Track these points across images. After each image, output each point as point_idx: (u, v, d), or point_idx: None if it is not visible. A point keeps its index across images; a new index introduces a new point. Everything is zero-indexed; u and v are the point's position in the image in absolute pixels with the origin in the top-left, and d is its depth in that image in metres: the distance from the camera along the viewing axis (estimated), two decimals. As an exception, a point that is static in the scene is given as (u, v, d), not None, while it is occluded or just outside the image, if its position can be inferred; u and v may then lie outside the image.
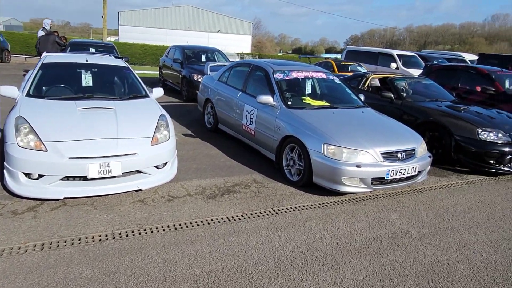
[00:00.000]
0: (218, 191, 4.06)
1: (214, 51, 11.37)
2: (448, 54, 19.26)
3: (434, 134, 5.71)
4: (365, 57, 15.74)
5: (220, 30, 55.73)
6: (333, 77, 5.70)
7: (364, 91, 7.15)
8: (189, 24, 54.84)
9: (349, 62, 13.51)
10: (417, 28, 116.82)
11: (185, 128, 6.80)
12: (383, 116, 5.00)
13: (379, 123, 4.65)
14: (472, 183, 4.98)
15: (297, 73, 5.32)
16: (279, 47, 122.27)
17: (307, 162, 4.12)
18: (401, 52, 14.98)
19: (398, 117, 6.20)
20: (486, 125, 5.36)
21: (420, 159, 4.25)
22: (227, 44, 51.18)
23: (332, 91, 5.64)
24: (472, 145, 5.22)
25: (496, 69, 8.33)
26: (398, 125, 4.76)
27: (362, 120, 4.66)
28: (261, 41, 68.57)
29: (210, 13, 56.81)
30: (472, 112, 5.78)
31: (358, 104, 5.30)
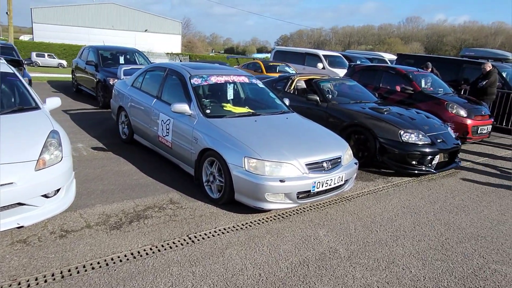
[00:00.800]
0: (126, 219, 3.48)
1: (134, 52, 10.53)
2: (370, 54, 20.21)
3: (359, 137, 5.65)
4: (293, 58, 15.86)
5: (148, 29, 53.45)
6: (256, 80, 5.36)
7: (290, 94, 6.96)
8: (113, 23, 51.76)
9: (277, 63, 13.44)
10: (341, 29, 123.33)
11: (95, 141, 6.02)
12: (308, 122, 4.77)
13: (304, 130, 4.38)
14: (397, 186, 4.95)
15: (217, 77, 4.88)
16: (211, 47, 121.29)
17: (227, 177, 3.71)
18: (327, 53, 15.31)
19: (325, 120, 6.08)
20: (407, 126, 5.40)
21: (347, 167, 4.06)
22: (156, 44, 49.42)
23: (255, 96, 5.30)
24: (395, 147, 5.22)
25: (413, 69, 8.68)
26: (323, 131, 4.54)
27: (286, 127, 4.36)
28: (191, 41, 67.21)
29: (136, 12, 54.18)
30: (394, 113, 5.81)
31: (283, 109, 5.01)
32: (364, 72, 9.22)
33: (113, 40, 46.92)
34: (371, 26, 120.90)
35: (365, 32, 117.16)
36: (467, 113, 7.39)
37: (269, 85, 7.41)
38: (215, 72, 5.00)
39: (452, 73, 10.47)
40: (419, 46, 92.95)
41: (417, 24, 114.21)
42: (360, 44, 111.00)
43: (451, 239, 3.53)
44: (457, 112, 7.36)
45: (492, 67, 8.64)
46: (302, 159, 3.69)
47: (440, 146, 5.33)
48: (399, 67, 8.77)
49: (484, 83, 8.51)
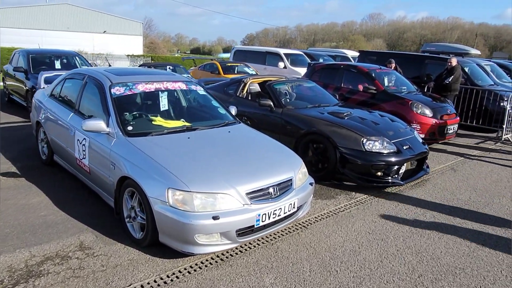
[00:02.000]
0: (9, 281, 2.62)
1: (73, 56, 9.44)
2: (333, 51, 19.88)
3: (318, 146, 4.99)
4: (253, 57, 15.16)
5: (107, 30, 51.20)
6: (196, 86, 4.58)
7: (243, 99, 6.23)
8: (69, 25, 49.19)
9: (235, 63, 12.69)
10: (305, 27, 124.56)
11: (8, 163, 5.03)
12: (255, 135, 4.03)
13: (248, 147, 3.65)
14: (361, 203, 4.33)
15: (145, 85, 4.06)
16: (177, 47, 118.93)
17: (149, 214, 2.92)
18: (288, 51, 14.73)
19: (280, 129, 5.40)
20: (370, 133, 4.80)
21: (300, 190, 3.36)
22: (116, 46, 47.43)
23: (194, 105, 4.54)
24: (358, 157, 4.60)
25: (376, 67, 8.17)
26: (273, 146, 3.82)
27: (226, 144, 3.60)
28: (154, 42, 65.17)
29: (94, 12, 51.76)
30: (356, 118, 5.20)
31: (227, 120, 4.25)
32: (324, 71, 8.63)
33: (69, 43, 44.67)
34: (335, 23, 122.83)
35: (329, 30, 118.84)
36: (432, 112, 6.94)
37: (220, 89, 6.66)
38: (144, 78, 4.17)
39: (414, 69, 10.10)
40: (381, 42, 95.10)
41: (378, 21, 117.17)
42: (324, 41, 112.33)
43: (425, 276, 2.91)
44: (423, 112, 6.89)
45: (457, 63, 8.28)
46: (242, 187, 2.95)
47: (407, 153, 4.76)
48: (360, 65, 8.25)
49: (450, 79, 8.13)
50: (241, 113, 5.93)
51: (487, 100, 8.80)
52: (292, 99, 6.07)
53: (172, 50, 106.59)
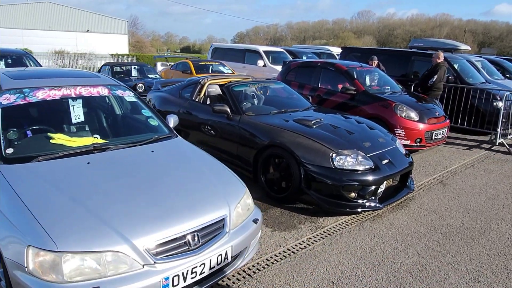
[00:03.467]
0: None
1: (22, 55, 8.44)
2: (318, 48, 19.07)
3: (281, 161, 4.13)
4: (232, 55, 14.28)
5: (90, 29, 49.77)
6: (124, 92, 3.65)
7: (199, 104, 5.35)
8: (51, 23, 47.69)
9: (210, 62, 11.78)
10: (296, 25, 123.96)
11: None
12: (189, 155, 3.12)
13: (170, 174, 2.73)
14: (328, 235, 3.48)
15: (49, 91, 3.15)
16: (166, 46, 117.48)
17: (7, 281, 2.03)
18: (268, 48, 13.85)
19: (239, 140, 4.53)
20: (342, 145, 3.95)
21: (238, 233, 2.49)
22: (99, 45, 46.16)
23: (117, 117, 3.63)
24: (326, 176, 3.74)
25: (356, 64, 7.34)
26: (208, 170, 2.90)
27: (139, 171, 2.68)
28: (140, 40, 63.80)
29: (76, 11, 50.26)
30: (326, 126, 4.35)
31: (159, 134, 3.36)
32: (300, 70, 7.77)
33: (51, 42, 43.34)
34: (326, 21, 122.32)
35: (320, 27, 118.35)
36: (419, 115, 6.12)
37: (175, 93, 5.77)
38: (49, 82, 3.26)
39: (400, 67, 9.31)
40: (371, 39, 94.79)
41: (368, 18, 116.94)
42: (315, 39, 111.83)
43: None
44: (408, 115, 6.07)
45: (442, 59, 7.47)
46: (143, 238, 2.07)
47: (387, 170, 3.92)
48: (339, 62, 7.41)
49: (434, 78, 7.31)
50: (200, 122, 5.08)
51: (478, 99, 8.02)
52: (255, 104, 5.21)
53: (161, 49, 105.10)
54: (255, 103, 5.27)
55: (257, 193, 4.33)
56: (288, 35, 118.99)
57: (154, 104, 6.07)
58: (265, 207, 4.02)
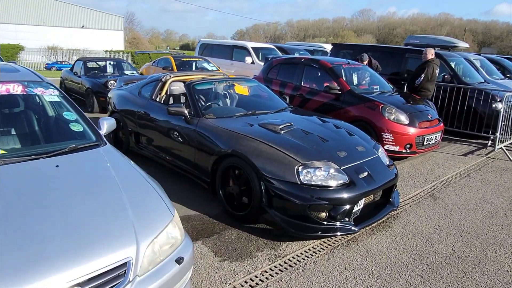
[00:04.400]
0: None
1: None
2: (311, 45, 18.44)
3: (241, 173, 3.50)
4: (220, 51, 13.62)
5: (85, 25, 49.04)
6: (45, 90, 2.99)
7: (158, 104, 4.71)
8: (45, 19, 46.94)
9: (193, 58, 11.11)
10: (296, 23, 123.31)
11: None
12: (108, 169, 2.46)
13: (59, 201, 2.07)
14: (289, 266, 2.85)
15: None
16: (166, 43, 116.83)
17: None
18: (257, 45, 13.19)
19: (196, 146, 3.90)
20: (311, 155, 3.32)
21: (148, 281, 1.86)
22: (95, 41, 45.50)
23: (29, 121, 2.98)
24: (291, 193, 3.11)
25: (342, 61, 6.71)
26: (122, 192, 2.21)
27: (23, 197, 2.02)
28: (136, 37, 63.05)
29: (71, 6, 49.49)
30: (296, 132, 3.72)
31: (82, 142, 2.72)
32: (283, 67, 7.14)
33: (45, 38, 42.68)
34: (326, 19, 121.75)
35: (320, 25, 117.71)
36: (409, 118, 5.49)
37: (135, 91, 5.14)
38: None
39: (394, 64, 8.68)
40: (371, 38, 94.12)
41: (368, 17, 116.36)
42: (315, 37, 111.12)
43: None
44: (397, 118, 5.44)
45: (433, 57, 6.83)
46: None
47: (364, 185, 3.28)
48: (324, 59, 6.77)
49: (422, 78, 6.67)
50: (157, 124, 4.46)
51: (476, 100, 7.39)
52: (220, 104, 4.58)
53: (161, 46, 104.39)
54: (220, 104, 4.64)
55: (216, 209, 3.73)
56: (288, 33, 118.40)
57: (114, 103, 5.45)
58: (221, 228, 3.40)
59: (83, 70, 9.06)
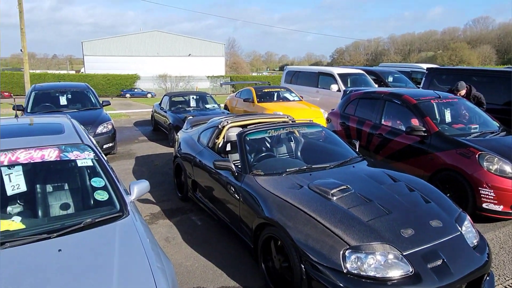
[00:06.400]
0: None
1: (84, 90, 8.69)
2: (409, 66, 16.86)
3: (282, 246, 3.01)
4: (305, 78, 13.26)
5: (191, 53, 53.66)
6: (80, 153, 2.96)
7: (211, 152, 4.52)
8: (158, 50, 52.75)
9: (274, 88, 10.93)
10: (400, 37, 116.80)
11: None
12: (113, 254, 2.18)
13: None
14: None
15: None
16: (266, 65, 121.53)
17: None
18: (344, 70, 12.47)
19: (241, 209, 3.56)
20: (364, 234, 2.69)
21: None
22: (199, 68, 49.28)
23: (56, 189, 2.95)
24: (334, 284, 2.52)
25: (432, 95, 5.74)
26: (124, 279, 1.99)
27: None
28: (237, 62, 66.60)
29: (179, 37, 54.87)
30: (353, 198, 3.10)
31: (102, 214, 2.59)
32: (361, 102, 6.44)
33: (158, 67, 47.65)
34: (434, 31, 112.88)
35: (427, 38, 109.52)
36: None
37: (196, 136, 5.07)
38: (-15, 147, 2.76)
39: (503, 93, 7.21)
40: (489, 49, 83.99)
41: (486, 25, 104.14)
42: (420, 51, 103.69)
43: None
44: (500, 169, 4.34)
45: None
46: None
47: (434, 279, 2.50)
48: (408, 93, 5.86)
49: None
50: (209, 175, 4.27)
51: None
52: (274, 155, 4.18)
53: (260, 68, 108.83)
54: (276, 154, 4.24)
55: (260, 281, 3.29)
56: (391, 48, 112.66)
57: (178, 146, 5.45)
58: (258, 309, 2.95)
59: (168, 104, 9.55)
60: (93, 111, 7.82)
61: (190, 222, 4.56)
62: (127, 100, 28.70)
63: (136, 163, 7.21)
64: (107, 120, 7.44)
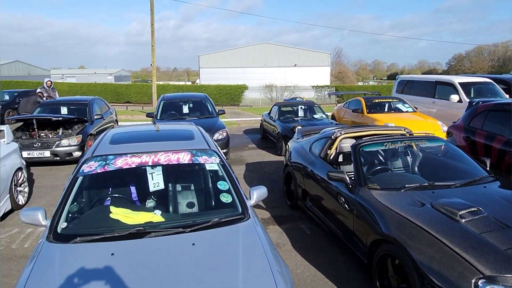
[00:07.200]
0: None
1: (203, 99, 9.51)
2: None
3: (401, 265, 2.86)
4: (420, 88, 12.35)
5: (297, 64, 54.49)
6: (209, 158, 3.26)
7: (326, 164, 4.53)
8: (266, 61, 54.85)
9: (385, 99, 10.41)
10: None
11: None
12: (237, 253, 2.35)
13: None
14: None
15: (129, 158, 3.11)
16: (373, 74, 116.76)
17: None
18: (467, 79, 11.26)
19: (354, 223, 3.51)
20: (500, 264, 2.40)
21: None
22: (304, 77, 49.71)
23: (187, 189, 3.27)
24: (463, 314, 2.30)
25: None
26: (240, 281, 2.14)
27: (157, 277, 2.17)
28: (342, 71, 65.29)
29: (286, 48, 56.29)
30: (486, 222, 2.79)
31: (226, 215, 2.81)
32: (492, 115, 5.75)
33: (264, 77, 49.44)
34: None
35: None
36: None
37: (307, 146, 5.16)
38: (134, 149, 3.23)
39: None
40: None
41: None
42: None
43: None
44: None
45: None
46: None
47: None
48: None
49: None
50: (320, 185, 4.31)
51: None
52: (390, 169, 4.00)
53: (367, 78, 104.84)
54: (392, 168, 4.05)
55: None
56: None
57: (289, 155, 5.60)
58: (371, 328, 2.85)
59: (277, 114, 9.85)
60: (211, 119, 8.50)
61: (299, 230, 4.63)
62: (236, 109, 30.44)
63: (247, 169, 7.60)
64: (222, 127, 8.01)
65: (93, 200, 3.04)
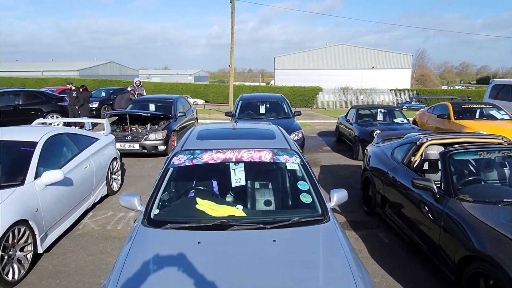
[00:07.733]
0: None
1: (280, 100, 9.59)
2: None
3: (498, 286, 2.61)
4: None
5: (375, 66, 52.32)
6: (290, 157, 3.30)
7: (407, 169, 4.31)
8: (342, 63, 53.56)
9: (477, 104, 9.51)
10: None
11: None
12: (317, 255, 2.33)
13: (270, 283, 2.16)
14: None
15: (214, 154, 3.26)
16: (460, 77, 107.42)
17: None
18: None
19: (441, 235, 3.30)
20: None
21: None
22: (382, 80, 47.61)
23: (267, 187, 3.32)
24: None
25: None
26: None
27: (239, 271, 2.23)
28: (424, 74, 61.15)
29: (363, 50, 54.42)
30: None
31: (306, 216, 2.82)
32: None
33: (339, 79, 48.41)
34: None
35: None
36: None
37: (388, 150, 4.97)
38: (219, 145, 3.39)
39: None
40: None
41: None
42: None
43: None
44: None
45: None
46: None
47: None
48: None
49: None
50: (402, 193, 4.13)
51: None
52: (484, 180, 3.66)
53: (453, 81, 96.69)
54: (486, 179, 3.71)
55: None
56: None
57: (368, 159, 5.42)
58: None
59: (355, 117, 9.57)
60: (287, 120, 8.56)
61: (376, 238, 4.46)
62: (309, 111, 30.26)
63: (321, 172, 7.52)
64: (298, 129, 8.01)
65: (180, 190, 3.26)
